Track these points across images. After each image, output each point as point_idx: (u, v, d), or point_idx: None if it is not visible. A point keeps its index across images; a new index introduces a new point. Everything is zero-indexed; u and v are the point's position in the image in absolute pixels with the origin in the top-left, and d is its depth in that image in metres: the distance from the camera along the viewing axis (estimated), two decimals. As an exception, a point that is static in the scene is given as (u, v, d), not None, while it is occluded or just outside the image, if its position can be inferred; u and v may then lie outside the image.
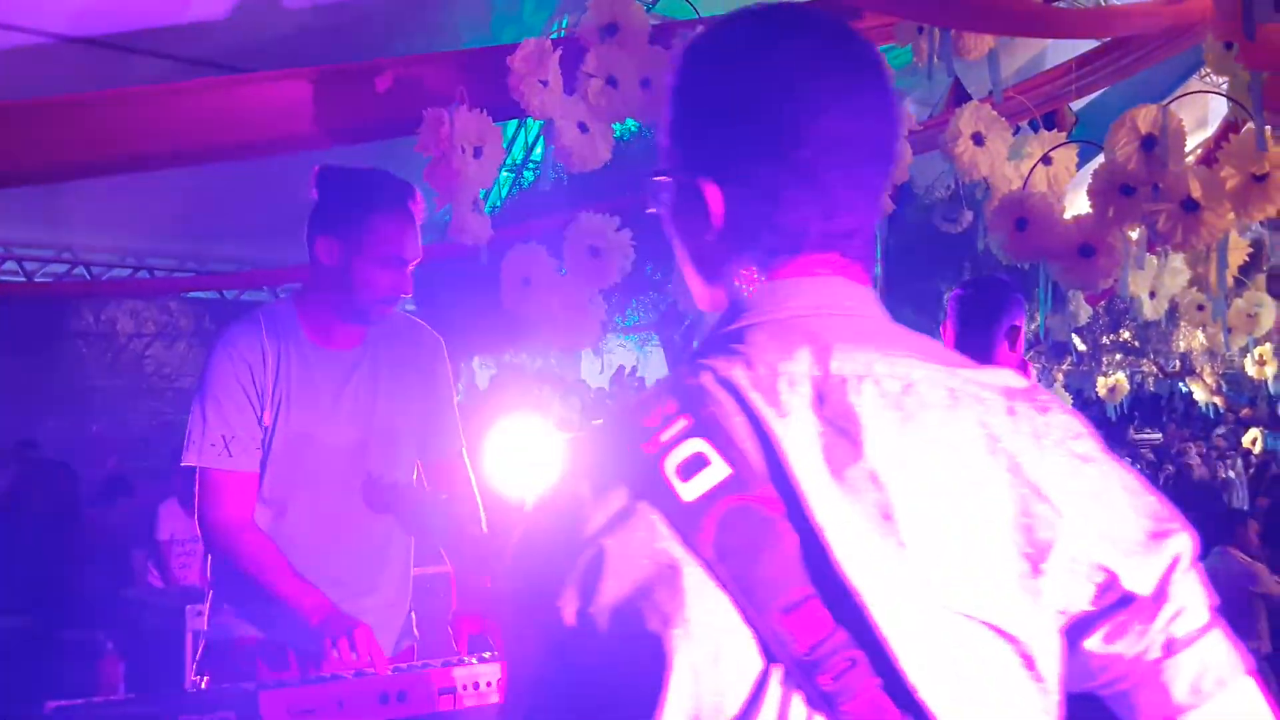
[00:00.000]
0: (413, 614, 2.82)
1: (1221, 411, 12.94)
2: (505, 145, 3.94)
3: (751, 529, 1.00)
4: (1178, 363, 11.13)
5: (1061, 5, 5.01)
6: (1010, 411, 1.06)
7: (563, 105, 3.90)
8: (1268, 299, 5.85)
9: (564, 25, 6.76)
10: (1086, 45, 5.33)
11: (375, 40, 6.03)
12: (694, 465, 1.02)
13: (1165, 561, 1.06)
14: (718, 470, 1.02)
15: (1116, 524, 1.05)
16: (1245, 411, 12.93)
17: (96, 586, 6.35)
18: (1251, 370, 8.56)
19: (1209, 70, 4.55)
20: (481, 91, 3.84)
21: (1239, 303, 5.87)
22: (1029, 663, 1.02)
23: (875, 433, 1.02)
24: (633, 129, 5.96)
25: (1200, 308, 5.67)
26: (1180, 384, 13.00)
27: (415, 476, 2.81)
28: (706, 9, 4.44)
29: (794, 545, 1.00)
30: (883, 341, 1.08)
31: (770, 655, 0.99)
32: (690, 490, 1.01)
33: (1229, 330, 6.00)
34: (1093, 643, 1.07)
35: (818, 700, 0.99)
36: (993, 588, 1.01)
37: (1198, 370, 11.46)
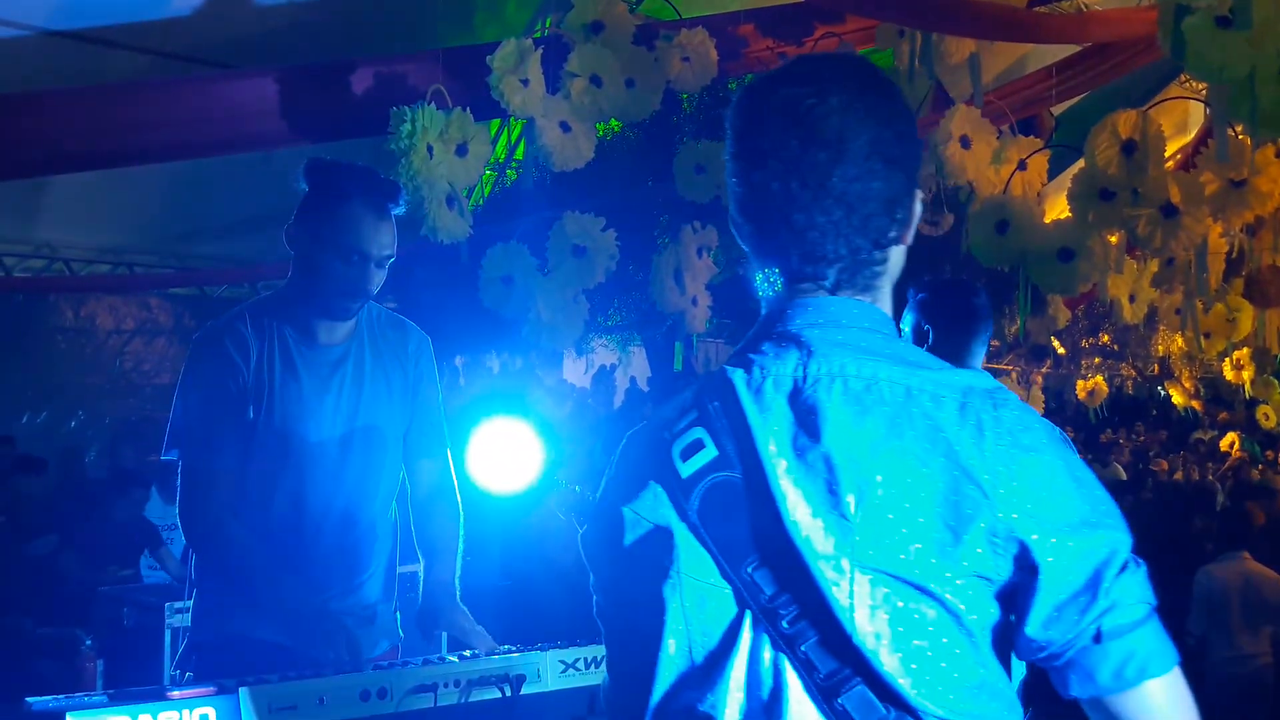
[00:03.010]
0: (398, 613, 2.81)
1: (1199, 415, 13.00)
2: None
3: (728, 500, 1.26)
4: (1156, 366, 11.20)
5: (1042, 10, 5.03)
6: (962, 407, 1.23)
7: (544, 104, 3.90)
8: (1246, 304, 5.89)
9: (547, 24, 6.76)
10: (1067, 50, 5.36)
11: (356, 36, 6.00)
12: (693, 448, 1.29)
13: (1097, 553, 1.20)
14: (709, 452, 1.28)
15: (1047, 508, 1.20)
16: (1223, 416, 12.99)
17: (74, 583, 6.31)
18: (1229, 374, 8.62)
19: (1189, 76, 4.59)
20: (463, 89, 3.83)
21: (1218, 307, 5.91)
22: (955, 618, 1.20)
23: (834, 423, 1.23)
24: (616, 128, 5.96)
25: (1179, 312, 5.70)
26: (1159, 388, 13.07)
27: (400, 474, 2.80)
28: (688, 11, 4.45)
29: (759, 514, 1.24)
30: (861, 348, 1.28)
31: (742, 603, 1.25)
32: (687, 468, 1.28)
33: (1207, 335, 6.04)
34: (1033, 629, 1.22)
35: (779, 642, 1.23)
36: (921, 554, 1.19)
37: (1176, 374, 11.52)
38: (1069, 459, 1.24)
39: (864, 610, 1.19)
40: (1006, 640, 1.25)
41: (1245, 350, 7.84)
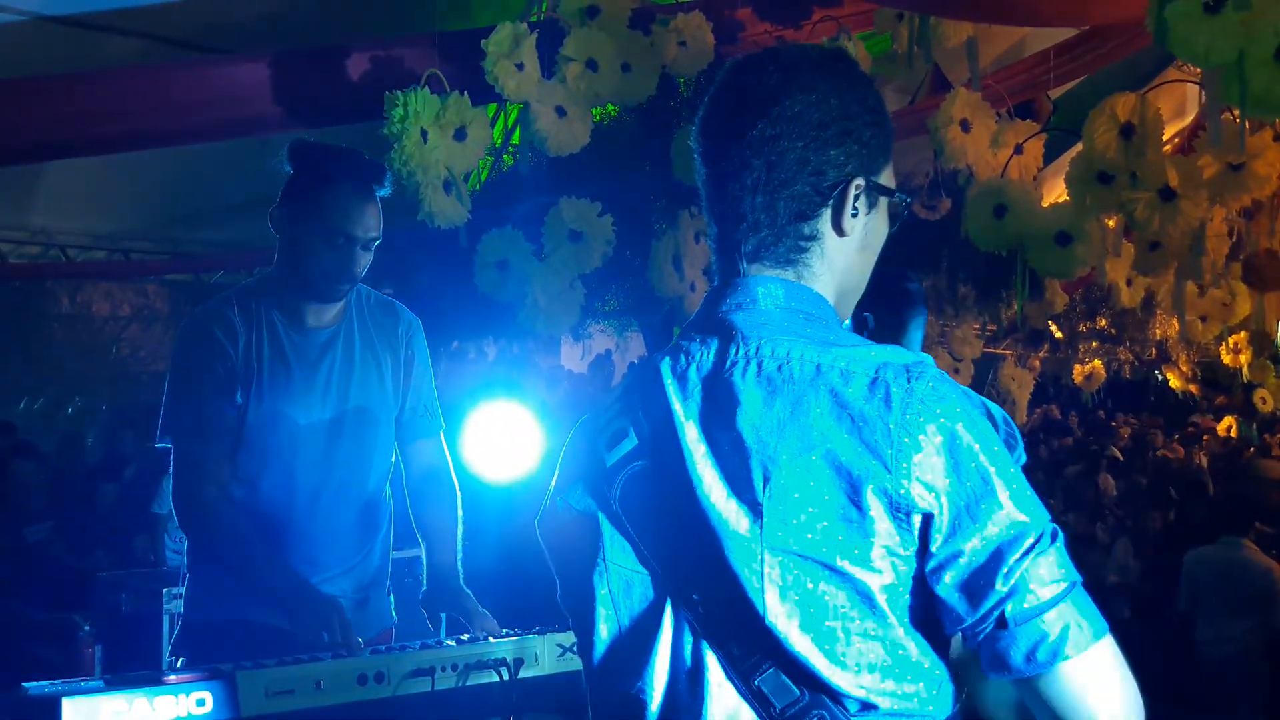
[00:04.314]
0: (391, 596, 2.81)
1: (1197, 400, 13.00)
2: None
3: (647, 488, 1.29)
4: (1154, 350, 11.19)
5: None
6: (872, 382, 1.21)
7: (539, 89, 3.89)
8: (1242, 287, 5.88)
9: (543, 8, 6.73)
10: (1065, 34, 5.35)
11: (351, 20, 5.98)
12: (617, 438, 1.32)
13: (997, 534, 1.17)
14: (630, 442, 1.31)
15: (949, 482, 1.17)
16: (1220, 400, 12.99)
17: (72, 569, 6.30)
18: (1227, 358, 8.62)
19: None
20: (460, 73, 3.82)
21: (1215, 291, 5.91)
22: (866, 597, 1.19)
23: (746, 406, 1.24)
24: (612, 113, 5.94)
25: (1176, 296, 5.69)
26: (1156, 372, 13.06)
27: (393, 458, 2.80)
28: (687, -6, 4.43)
29: (677, 500, 1.26)
30: (781, 328, 1.28)
31: (662, 588, 1.28)
32: (611, 458, 1.31)
33: (1204, 319, 6.04)
34: (940, 607, 1.20)
35: (696, 628, 1.25)
36: (827, 532, 1.19)
37: (1174, 358, 11.52)
38: (983, 433, 1.20)
39: (774, 591, 1.20)
40: (931, 616, 1.22)
41: (1242, 334, 7.85)
